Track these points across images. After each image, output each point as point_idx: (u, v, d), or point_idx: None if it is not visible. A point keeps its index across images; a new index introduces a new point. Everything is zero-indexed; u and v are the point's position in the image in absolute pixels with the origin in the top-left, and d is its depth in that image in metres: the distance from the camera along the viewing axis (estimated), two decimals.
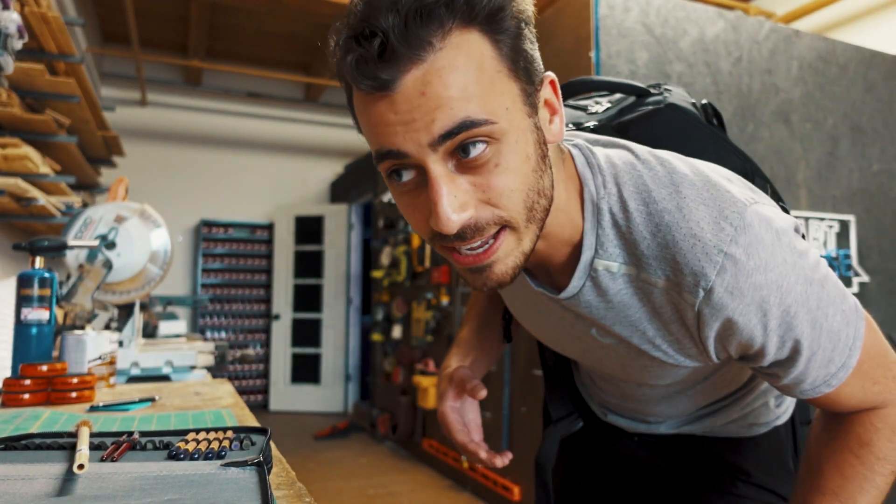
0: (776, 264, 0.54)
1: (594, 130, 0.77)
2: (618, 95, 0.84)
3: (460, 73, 0.47)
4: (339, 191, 6.39)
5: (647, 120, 0.75)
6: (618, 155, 0.61)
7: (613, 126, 0.77)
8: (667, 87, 0.82)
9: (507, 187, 0.50)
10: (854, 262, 2.73)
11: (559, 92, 0.55)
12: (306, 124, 6.63)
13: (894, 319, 2.83)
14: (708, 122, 0.81)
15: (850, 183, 2.81)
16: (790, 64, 2.73)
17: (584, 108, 0.84)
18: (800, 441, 0.84)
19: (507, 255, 0.53)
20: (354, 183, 5.84)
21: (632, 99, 0.81)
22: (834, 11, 4.13)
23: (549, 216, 0.56)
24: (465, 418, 0.81)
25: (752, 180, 0.71)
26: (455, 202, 0.49)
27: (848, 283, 2.72)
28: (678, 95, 0.80)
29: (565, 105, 0.84)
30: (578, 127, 0.78)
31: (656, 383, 0.72)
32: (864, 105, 2.88)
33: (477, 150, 0.48)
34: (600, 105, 0.83)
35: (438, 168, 0.49)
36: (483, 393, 0.75)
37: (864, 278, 2.74)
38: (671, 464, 0.84)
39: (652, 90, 0.81)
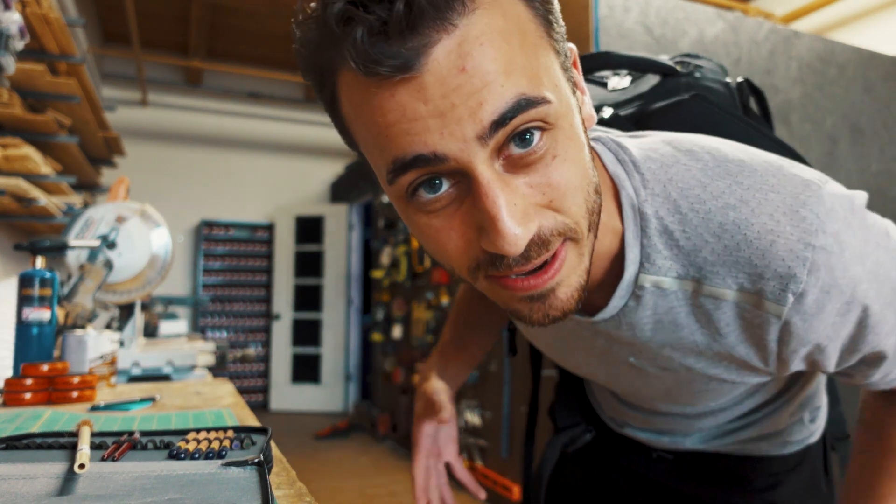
0: (870, 251, 0.46)
1: (608, 123, 0.67)
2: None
3: (504, 40, 0.36)
4: (339, 191, 6.39)
5: (668, 113, 0.64)
6: (653, 145, 0.51)
7: (631, 118, 0.67)
8: (698, 62, 0.70)
9: (570, 184, 0.39)
10: None
11: (580, 69, 0.46)
12: (306, 124, 6.63)
13: None
14: (745, 107, 0.70)
15: (849, 183, 2.81)
16: (789, 64, 2.74)
17: (601, 83, 0.73)
18: (830, 462, 0.75)
19: (569, 273, 0.42)
20: (354, 183, 5.85)
21: (656, 79, 0.70)
22: (833, 12, 4.13)
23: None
24: (437, 470, 0.80)
25: None
26: (517, 211, 0.37)
27: None
28: (709, 74, 0.69)
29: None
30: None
31: (704, 405, 0.63)
32: (863, 106, 2.88)
33: (535, 139, 0.38)
34: (619, 77, 0.72)
35: (488, 170, 0.37)
36: (445, 416, 0.77)
37: None
38: (692, 487, 0.73)
39: (679, 67, 0.70)
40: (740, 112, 0.69)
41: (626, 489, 0.79)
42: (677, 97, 0.66)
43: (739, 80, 0.71)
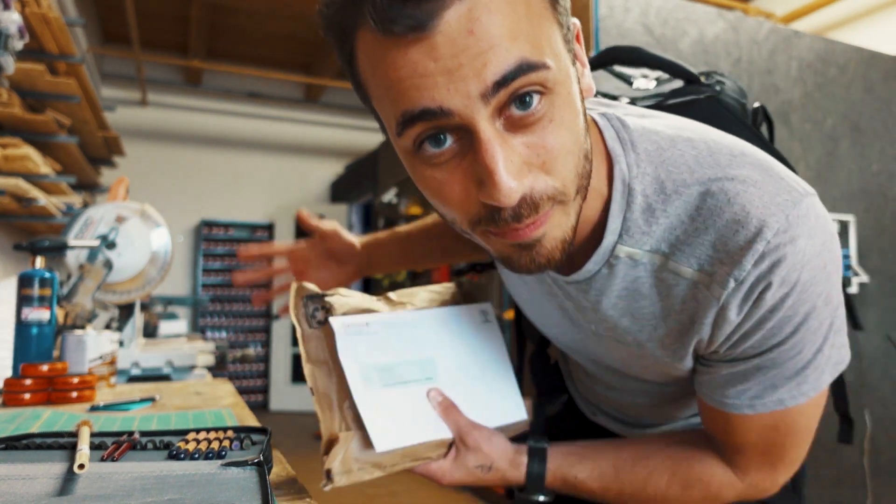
0: (816, 266, 0.47)
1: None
2: (664, 75, 0.76)
3: (510, 8, 0.39)
4: (339, 191, 6.39)
5: (681, 111, 0.66)
6: (655, 128, 0.53)
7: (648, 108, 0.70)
8: (721, 78, 0.73)
9: (564, 147, 0.43)
10: (853, 262, 2.73)
11: (582, 43, 0.49)
12: (306, 124, 6.63)
13: (894, 319, 2.83)
14: (756, 127, 0.73)
15: (850, 183, 2.81)
16: (790, 64, 2.74)
17: (627, 79, 0.76)
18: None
19: (554, 227, 0.46)
20: (354, 183, 5.85)
21: (679, 83, 0.73)
22: (833, 12, 4.13)
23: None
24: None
25: None
26: (512, 167, 0.41)
27: (847, 283, 2.72)
28: (730, 91, 0.72)
29: (608, 71, 0.79)
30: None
31: (654, 380, 0.66)
32: (863, 105, 2.88)
33: (534, 102, 0.41)
34: (646, 80, 0.75)
35: (489, 127, 0.40)
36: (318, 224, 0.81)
37: (864, 278, 2.74)
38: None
39: (703, 78, 0.73)
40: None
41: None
42: (693, 96, 0.69)
43: (756, 104, 0.75)
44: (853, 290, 2.71)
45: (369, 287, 5.64)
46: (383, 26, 0.39)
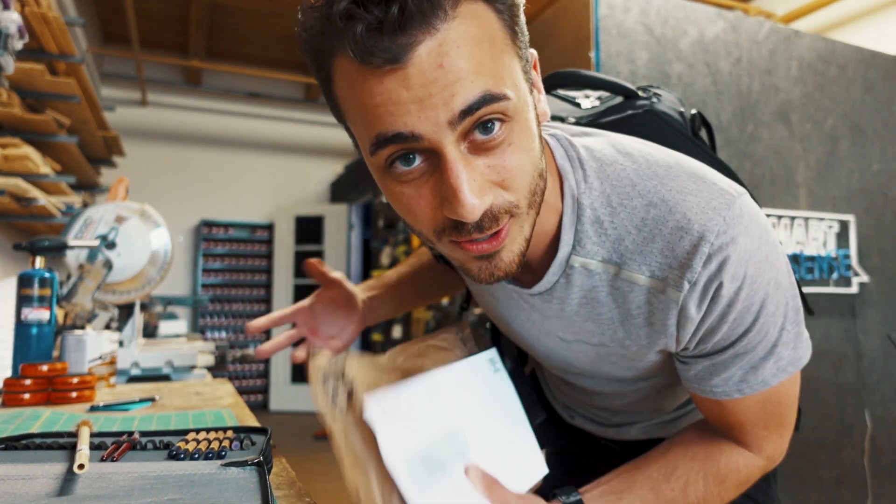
0: (759, 259, 0.53)
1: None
2: (606, 94, 0.81)
3: (476, 45, 0.44)
4: (339, 191, 6.39)
5: (622, 126, 0.71)
6: (598, 146, 0.59)
7: (589, 125, 0.75)
8: (658, 91, 0.79)
9: (521, 168, 0.48)
10: (854, 262, 2.73)
11: (539, 70, 0.54)
12: (306, 124, 6.63)
13: (894, 319, 2.83)
14: (694, 134, 0.78)
15: (850, 183, 2.81)
16: (790, 64, 2.74)
17: (572, 101, 0.81)
18: None
19: (512, 241, 0.50)
20: (354, 183, 5.85)
21: (619, 99, 0.78)
22: (834, 11, 4.13)
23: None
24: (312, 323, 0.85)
25: None
26: (475, 186, 0.45)
27: (848, 283, 2.72)
28: (667, 102, 0.78)
29: (553, 95, 0.83)
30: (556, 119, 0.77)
31: (624, 376, 0.71)
32: (863, 105, 2.89)
33: (496, 128, 0.46)
34: (590, 100, 0.80)
35: (455, 150, 0.45)
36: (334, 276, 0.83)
37: (864, 278, 2.75)
38: None
39: (640, 92, 0.78)
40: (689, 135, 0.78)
41: (575, 473, 0.86)
42: (634, 111, 0.75)
43: (693, 112, 0.80)
44: (853, 290, 2.71)
45: None
46: (362, 57, 0.43)
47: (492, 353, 0.72)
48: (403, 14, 0.41)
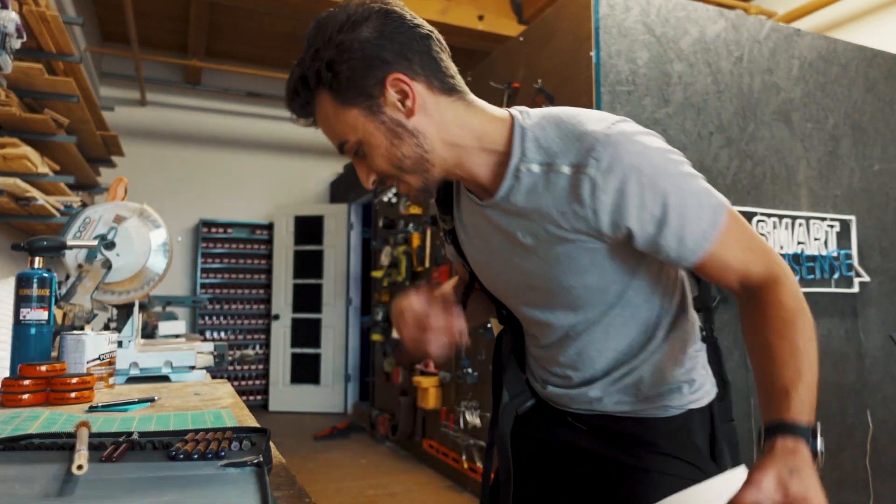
0: (647, 143, 0.77)
1: None
2: None
3: (327, 119, 0.81)
4: (339, 191, 6.39)
5: None
6: (545, 110, 0.86)
7: None
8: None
9: (377, 164, 0.81)
10: (855, 261, 2.73)
11: (412, 71, 0.78)
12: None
13: (895, 319, 2.83)
14: None
15: (851, 182, 2.80)
16: (791, 63, 2.73)
17: None
18: (718, 434, 0.95)
19: (407, 186, 0.84)
20: (354, 183, 5.84)
21: None
22: (835, 11, 4.13)
23: (465, 155, 0.82)
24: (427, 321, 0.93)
25: None
26: (364, 174, 0.84)
27: (849, 283, 2.71)
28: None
29: None
30: None
31: (571, 293, 0.87)
32: (865, 104, 2.88)
33: (359, 151, 0.81)
34: None
35: (354, 159, 0.84)
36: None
37: (865, 278, 2.74)
38: (603, 448, 0.96)
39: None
40: None
41: (553, 456, 1.01)
42: None
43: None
44: (854, 289, 2.70)
45: (369, 287, 5.64)
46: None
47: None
48: (292, 110, 0.85)
